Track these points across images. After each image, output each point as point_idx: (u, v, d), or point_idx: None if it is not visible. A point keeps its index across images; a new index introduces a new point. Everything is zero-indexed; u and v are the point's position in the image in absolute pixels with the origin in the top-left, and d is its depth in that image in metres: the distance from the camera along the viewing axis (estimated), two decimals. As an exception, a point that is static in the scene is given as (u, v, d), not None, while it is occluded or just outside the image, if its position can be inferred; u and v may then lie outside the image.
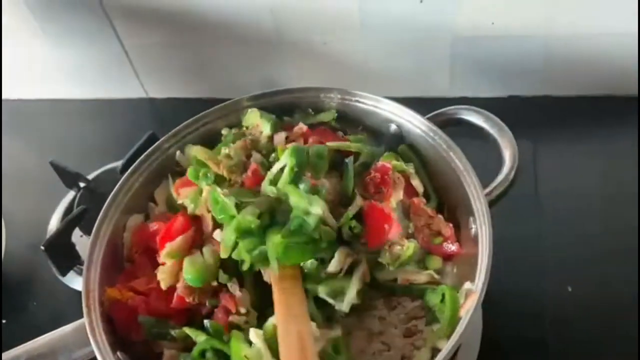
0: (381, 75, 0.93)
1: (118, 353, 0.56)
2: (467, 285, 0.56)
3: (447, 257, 0.61)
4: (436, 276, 0.60)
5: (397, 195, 0.62)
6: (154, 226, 0.65)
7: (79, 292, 0.79)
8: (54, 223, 0.90)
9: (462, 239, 0.62)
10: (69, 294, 0.81)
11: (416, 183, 0.65)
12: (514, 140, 0.65)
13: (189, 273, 0.58)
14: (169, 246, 0.60)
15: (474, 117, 0.67)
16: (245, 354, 0.54)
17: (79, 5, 0.93)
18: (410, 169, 0.65)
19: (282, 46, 0.92)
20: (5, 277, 0.86)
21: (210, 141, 0.70)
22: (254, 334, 0.54)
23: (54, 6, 0.94)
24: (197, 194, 0.63)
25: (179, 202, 0.65)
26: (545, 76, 0.90)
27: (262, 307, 0.58)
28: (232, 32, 0.92)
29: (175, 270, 0.60)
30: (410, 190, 0.64)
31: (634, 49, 0.84)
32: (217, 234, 0.60)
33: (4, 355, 0.59)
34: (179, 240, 0.61)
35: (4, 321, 0.80)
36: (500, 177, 0.63)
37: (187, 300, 0.58)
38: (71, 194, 0.92)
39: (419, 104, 0.70)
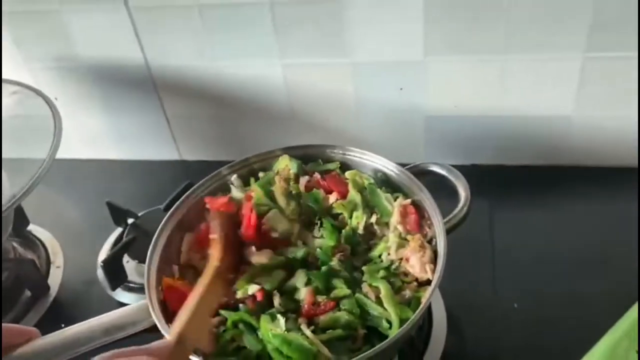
0: (372, 144, 1.07)
1: (170, 324, 0.75)
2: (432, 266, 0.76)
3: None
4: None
5: None
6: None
7: (125, 304, 0.99)
8: (102, 254, 1.08)
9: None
10: (116, 307, 1.00)
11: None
12: (467, 185, 0.84)
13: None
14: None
15: (439, 169, 0.87)
16: (270, 327, 0.71)
17: (133, 82, 1.16)
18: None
19: (294, 121, 1.14)
20: (63, 297, 1.04)
21: (245, 182, 0.91)
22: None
23: (115, 83, 1.17)
24: None
25: None
26: (499, 148, 1.11)
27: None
28: (256, 108, 1.14)
29: None
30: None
31: (562, 127, 1.05)
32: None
33: (80, 325, 0.77)
34: None
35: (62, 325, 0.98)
36: (455, 211, 0.82)
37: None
38: (116, 233, 1.12)
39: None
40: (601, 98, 1.02)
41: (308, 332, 0.71)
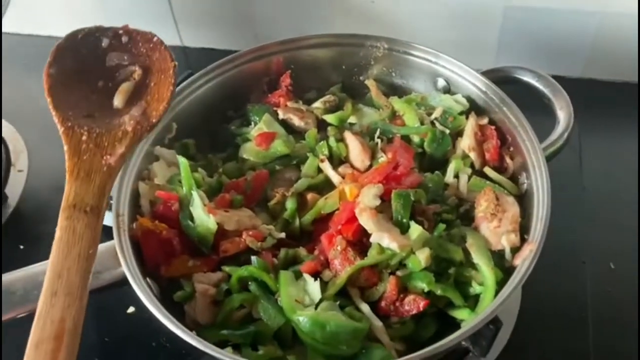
0: (427, 41, 0.90)
1: (147, 279, 0.55)
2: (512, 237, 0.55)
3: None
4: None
5: None
6: None
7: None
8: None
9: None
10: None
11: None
12: (569, 101, 0.64)
13: None
14: None
15: (529, 77, 0.66)
16: (295, 296, 0.52)
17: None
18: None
19: (329, 1, 0.92)
20: (25, 209, 0.86)
21: (239, 83, 0.74)
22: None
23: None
24: None
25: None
26: (592, 58, 0.89)
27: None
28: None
29: None
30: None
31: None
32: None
33: (25, 269, 0.57)
34: None
35: (21, 247, 0.80)
36: (554, 136, 0.62)
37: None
38: (96, 132, 0.91)
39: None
40: None
41: (365, 306, 0.51)
